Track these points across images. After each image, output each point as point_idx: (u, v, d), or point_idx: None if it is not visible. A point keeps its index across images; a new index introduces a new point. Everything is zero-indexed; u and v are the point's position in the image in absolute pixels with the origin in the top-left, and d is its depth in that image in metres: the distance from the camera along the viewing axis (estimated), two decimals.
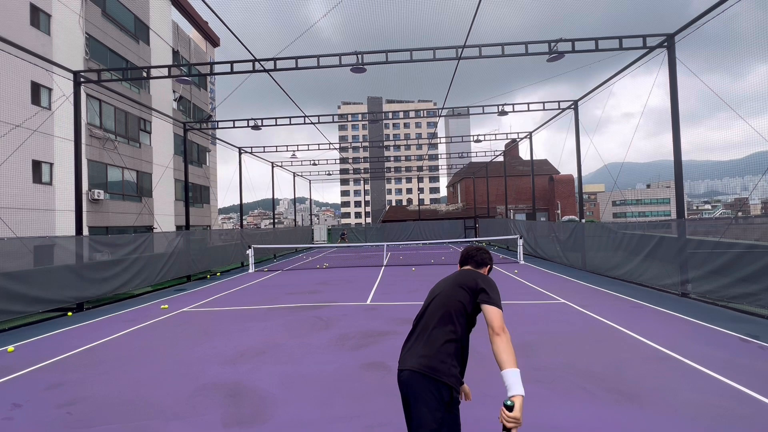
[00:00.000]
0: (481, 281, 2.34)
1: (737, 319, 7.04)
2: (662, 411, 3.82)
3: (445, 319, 2.24)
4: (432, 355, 2.14)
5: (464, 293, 2.30)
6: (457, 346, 2.19)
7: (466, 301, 2.28)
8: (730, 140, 8.07)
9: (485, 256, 2.61)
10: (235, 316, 8.61)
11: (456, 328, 2.22)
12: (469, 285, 2.33)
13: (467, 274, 2.42)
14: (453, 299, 2.30)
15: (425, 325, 2.29)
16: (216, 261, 17.21)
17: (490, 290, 2.29)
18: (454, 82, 14.46)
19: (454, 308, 2.26)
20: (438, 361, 2.12)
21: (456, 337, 2.20)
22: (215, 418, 4.01)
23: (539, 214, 40.23)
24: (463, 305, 2.27)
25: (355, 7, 25.55)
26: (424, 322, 2.31)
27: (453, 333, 2.20)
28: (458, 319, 2.24)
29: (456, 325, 2.22)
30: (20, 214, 14.20)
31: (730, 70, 9.33)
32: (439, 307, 2.30)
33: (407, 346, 2.31)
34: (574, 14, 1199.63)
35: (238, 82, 13.11)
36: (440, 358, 2.13)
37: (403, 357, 2.26)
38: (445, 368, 2.11)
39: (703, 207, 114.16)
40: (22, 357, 6.27)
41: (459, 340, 2.21)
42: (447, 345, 2.17)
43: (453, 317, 2.24)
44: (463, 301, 2.28)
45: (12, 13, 15.01)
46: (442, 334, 2.20)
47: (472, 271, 2.50)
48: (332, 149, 25.92)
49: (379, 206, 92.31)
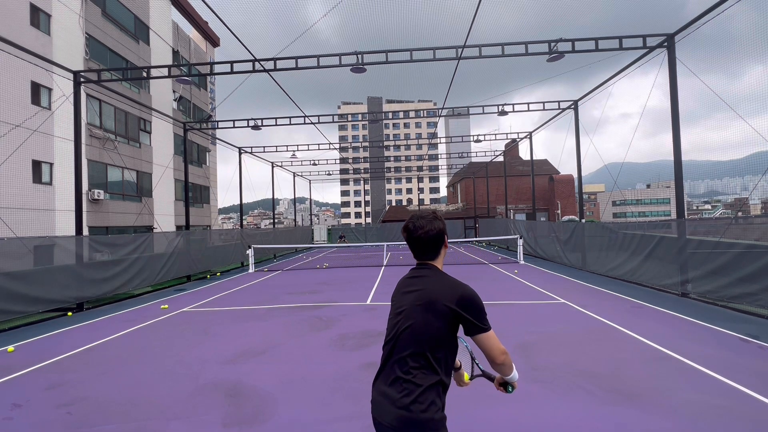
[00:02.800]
0: (457, 302, 1.82)
1: (737, 319, 7.04)
2: (662, 411, 3.82)
3: (422, 360, 1.78)
4: (411, 404, 1.71)
5: (438, 323, 1.80)
6: (440, 384, 1.79)
7: (443, 333, 1.81)
8: (729, 140, 8.07)
9: (439, 226, 1.98)
10: (235, 316, 8.61)
11: (437, 367, 1.79)
12: (442, 311, 1.81)
13: (432, 288, 1.87)
14: (426, 335, 1.80)
15: (399, 360, 1.81)
16: (216, 261, 17.21)
17: (474, 312, 1.84)
18: (454, 82, 14.47)
19: (430, 346, 1.79)
20: (420, 412, 1.70)
21: (438, 378, 1.78)
22: (215, 418, 4.01)
23: (539, 214, 40.22)
24: (440, 338, 1.81)
25: (354, 9, 25.54)
26: (398, 355, 1.83)
27: (434, 374, 1.78)
28: (438, 357, 1.80)
29: (436, 365, 1.79)
30: (20, 214, 14.19)
31: (726, 71, 9.34)
32: (410, 343, 1.81)
33: (378, 383, 1.87)
34: (571, 15, 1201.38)
35: (238, 82, 13.12)
36: (422, 408, 1.71)
37: (378, 401, 1.82)
38: (429, 417, 1.71)
39: (703, 207, 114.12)
40: (22, 357, 6.27)
41: (442, 377, 1.80)
42: (428, 391, 1.74)
43: (430, 359, 1.78)
44: (439, 336, 1.80)
45: (12, 13, 15.01)
46: (421, 376, 1.76)
47: (435, 276, 1.94)
48: (332, 149, 25.92)
49: (379, 206, 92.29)
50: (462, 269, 15.06)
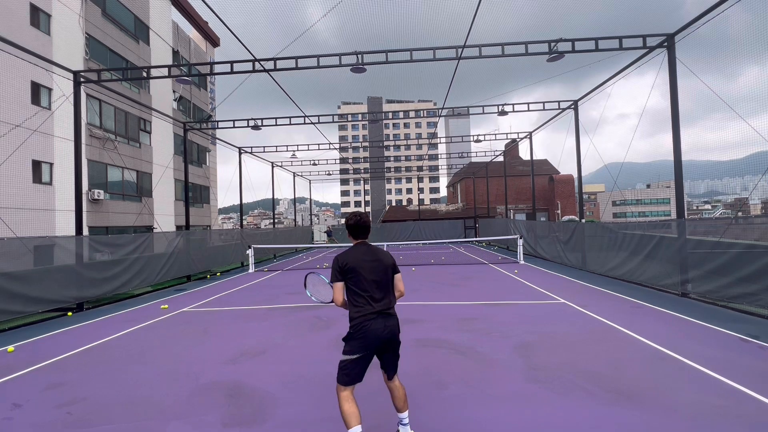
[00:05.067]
0: (393, 261, 3.42)
1: (737, 319, 7.04)
2: (662, 411, 3.82)
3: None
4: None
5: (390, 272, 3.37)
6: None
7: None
8: (728, 140, 8.08)
9: (369, 220, 3.52)
10: (235, 316, 8.61)
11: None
12: (391, 265, 3.39)
13: (382, 256, 3.37)
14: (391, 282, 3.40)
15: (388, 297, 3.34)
16: (216, 261, 17.21)
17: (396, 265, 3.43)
18: (454, 83, 14.46)
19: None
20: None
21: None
22: (215, 418, 4.01)
23: (539, 214, 40.22)
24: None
25: (353, 10, 25.53)
26: (387, 294, 3.34)
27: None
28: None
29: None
30: (20, 214, 14.20)
31: (723, 72, 9.35)
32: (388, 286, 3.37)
33: (379, 314, 3.23)
34: (568, 17, 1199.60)
35: (238, 82, 13.13)
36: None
37: (388, 324, 3.24)
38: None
39: (703, 207, 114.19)
40: (22, 357, 6.27)
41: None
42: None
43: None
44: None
45: (12, 13, 15.01)
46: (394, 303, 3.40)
47: (376, 248, 3.43)
48: (332, 149, 25.91)
49: (379, 206, 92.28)
50: (462, 269, 15.06)
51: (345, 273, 3.22)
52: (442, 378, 4.80)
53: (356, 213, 3.47)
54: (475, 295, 10.03)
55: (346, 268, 3.21)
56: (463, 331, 6.76)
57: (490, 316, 7.82)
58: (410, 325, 7.27)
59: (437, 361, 5.41)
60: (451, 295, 10.10)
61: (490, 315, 7.89)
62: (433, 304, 9.11)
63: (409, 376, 4.89)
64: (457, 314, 8.01)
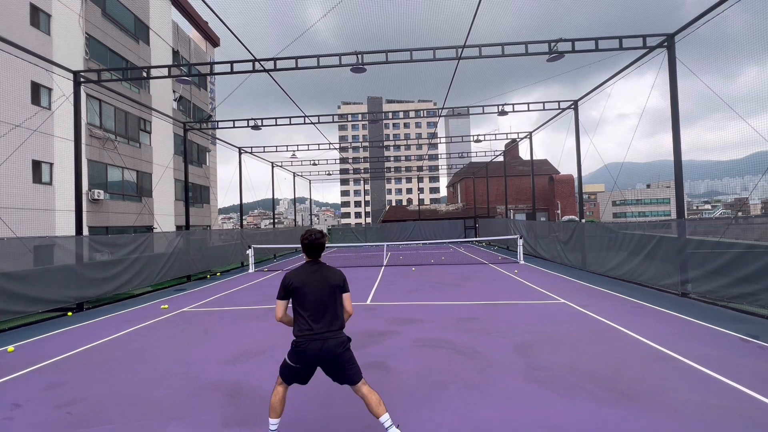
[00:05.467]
0: (342, 280, 3.43)
1: (737, 319, 7.04)
2: (662, 411, 3.83)
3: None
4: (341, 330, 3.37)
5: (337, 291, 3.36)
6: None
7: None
8: (727, 140, 8.08)
9: (324, 240, 3.51)
10: (235, 316, 8.61)
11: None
12: (338, 284, 3.37)
13: (329, 274, 3.38)
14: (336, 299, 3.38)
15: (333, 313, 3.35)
16: (216, 261, 17.21)
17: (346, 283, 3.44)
18: (454, 83, 14.47)
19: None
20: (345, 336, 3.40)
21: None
22: (215, 418, 4.01)
23: (539, 214, 40.22)
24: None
25: (352, 10, 25.56)
26: (330, 312, 3.32)
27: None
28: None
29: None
30: (20, 214, 14.19)
31: (723, 72, 9.35)
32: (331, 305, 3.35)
33: (318, 331, 3.24)
34: (567, 17, 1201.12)
35: (238, 82, 13.13)
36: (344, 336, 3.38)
37: (325, 338, 3.24)
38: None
39: (703, 207, 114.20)
40: (22, 357, 6.27)
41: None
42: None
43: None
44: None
45: (12, 13, 15.00)
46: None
47: (326, 267, 3.44)
48: (332, 149, 25.91)
49: (379, 206, 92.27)
50: (462, 269, 15.06)
51: (289, 292, 3.28)
52: (442, 378, 4.80)
53: (311, 231, 3.43)
54: (475, 295, 10.03)
55: (291, 288, 3.27)
56: (463, 331, 6.76)
57: (490, 316, 7.82)
58: (410, 325, 7.28)
59: (437, 361, 5.41)
60: (451, 295, 10.10)
61: (490, 315, 7.89)
62: (433, 304, 9.11)
63: (409, 376, 4.89)
64: (457, 314, 8.01)
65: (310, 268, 3.36)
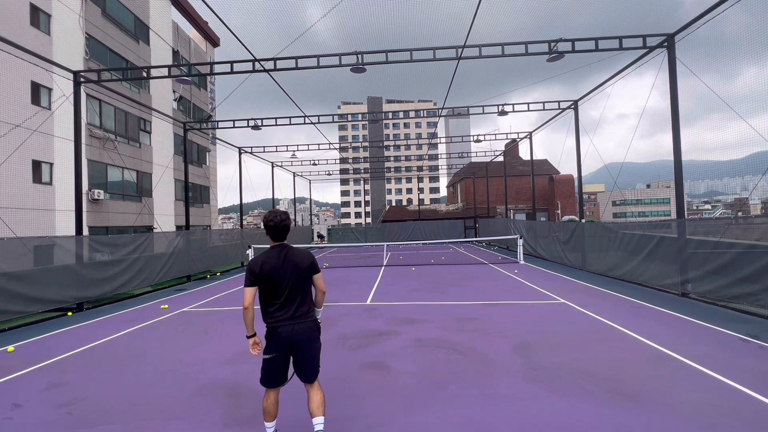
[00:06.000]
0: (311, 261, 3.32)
1: (737, 319, 7.04)
2: (662, 411, 3.82)
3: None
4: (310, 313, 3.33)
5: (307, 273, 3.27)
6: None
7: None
8: (727, 140, 8.09)
9: (289, 222, 3.31)
10: (236, 316, 8.61)
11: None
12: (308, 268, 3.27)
13: (298, 258, 3.24)
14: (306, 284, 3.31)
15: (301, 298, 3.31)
16: (216, 261, 17.20)
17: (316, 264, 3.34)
18: (454, 83, 14.46)
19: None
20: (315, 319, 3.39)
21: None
22: (215, 418, 4.01)
23: (539, 214, 40.22)
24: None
25: (352, 10, 25.54)
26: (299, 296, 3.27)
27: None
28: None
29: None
30: (20, 214, 14.19)
31: (721, 72, 9.35)
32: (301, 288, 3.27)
33: (287, 315, 3.20)
34: (567, 17, 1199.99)
35: (238, 82, 13.13)
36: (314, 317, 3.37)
37: (297, 322, 3.21)
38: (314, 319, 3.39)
39: (703, 207, 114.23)
40: (22, 357, 6.26)
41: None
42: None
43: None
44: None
45: (12, 13, 15.00)
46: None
47: (293, 249, 3.28)
48: (332, 149, 25.91)
49: (379, 206, 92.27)
50: (462, 269, 15.06)
51: (259, 279, 3.13)
52: (442, 378, 4.80)
53: (275, 212, 3.24)
54: (475, 295, 10.03)
55: (259, 274, 3.11)
56: (463, 331, 6.76)
57: (490, 316, 7.82)
58: (410, 325, 7.27)
59: (437, 361, 5.41)
60: (451, 295, 10.10)
61: (490, 315, 7.89)
62: (433, 304, 9.11)
63: (409, 376, 4.89)
64: (457, 314, 8.01)
65: (278, 253, 3.19)
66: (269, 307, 3.18)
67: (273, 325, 3.16)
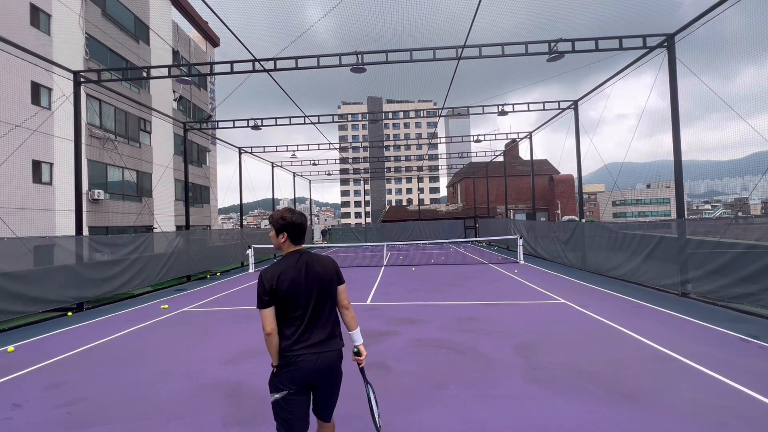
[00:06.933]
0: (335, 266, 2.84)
1: (737, 319, 7.04)
2: (662, 411, 3.83)
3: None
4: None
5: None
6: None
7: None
8: (727, 140, 8.09)
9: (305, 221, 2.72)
10: (235, 316, 8.61)
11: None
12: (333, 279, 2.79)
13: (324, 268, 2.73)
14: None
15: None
16: (216, 261, 17.20)
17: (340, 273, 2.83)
18: (453, 83, 14.46)
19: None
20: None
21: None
22: (215, 418, 4.01)
23: (539, 214, 40.22)
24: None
25: (352, 11, 25.60)
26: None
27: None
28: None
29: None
30: (20, 214, 14.19)
31: (722, 72, 9.36)
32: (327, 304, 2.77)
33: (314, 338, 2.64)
34: (566, 18, 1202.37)
35: (238, 82, 13.12)
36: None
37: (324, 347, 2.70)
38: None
39: (703, 207, 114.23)
40: (22, 357, 6.27)
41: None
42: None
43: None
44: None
45: (12, 13, 15.00)
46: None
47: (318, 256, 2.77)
48: (332, 149, 25.91)
49: (379, 206, 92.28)
50: (462, 269, 15.06)
51: (274, 296, 2.48)
52: (442, 378, 4.80)
53: (289, 209, 2.62)
54: (475, 295, 10.03)
55: (275, 289, 2.47)
56: (463, 331, 6.76)
57: (490, 316, 7.82)
58: (410, 325, 7.27)
59: (437, 361, 5.41)
60: (451, 295, 10.10)
61: (490, 315, 7.89)
62: (433, 304, 9.11)
63: (409, 376, 4.89)
64: (457, 314, 8.01)
65: (296, 261, 2.56)
66: (286, 329, 2.54)
67: (291, 354, 2.51)
